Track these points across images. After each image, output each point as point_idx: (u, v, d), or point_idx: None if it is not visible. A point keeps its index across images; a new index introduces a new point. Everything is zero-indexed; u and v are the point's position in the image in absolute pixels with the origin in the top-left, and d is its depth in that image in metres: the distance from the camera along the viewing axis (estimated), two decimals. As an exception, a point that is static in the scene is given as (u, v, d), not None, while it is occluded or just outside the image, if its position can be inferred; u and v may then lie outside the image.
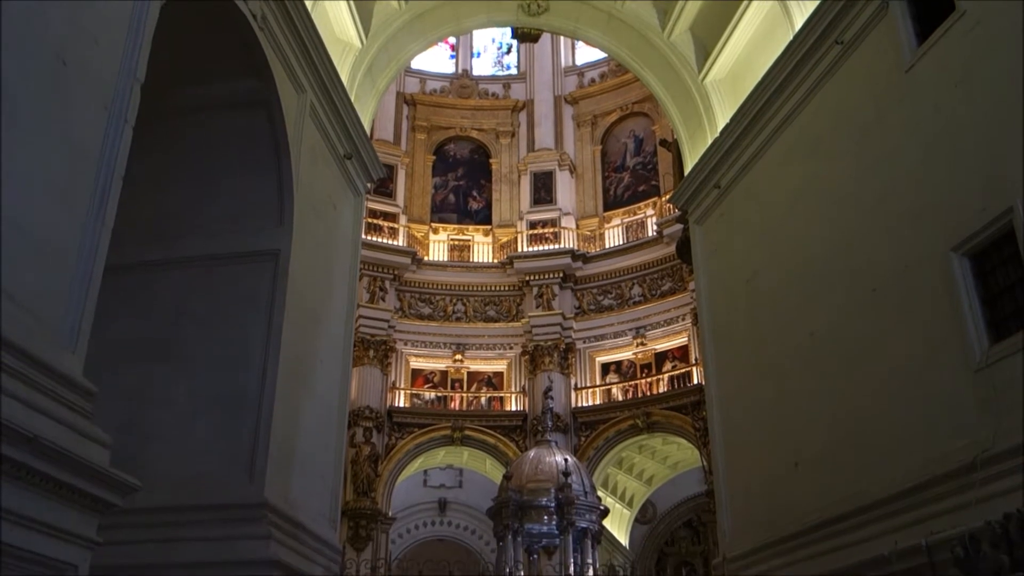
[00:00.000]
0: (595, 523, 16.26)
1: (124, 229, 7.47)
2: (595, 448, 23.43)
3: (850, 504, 8.15)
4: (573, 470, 16.44)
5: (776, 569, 9.16)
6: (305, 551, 8.64)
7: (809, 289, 9.52)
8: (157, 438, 8.28)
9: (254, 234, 9.15)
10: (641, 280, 24.75)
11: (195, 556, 7.54)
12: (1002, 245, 6.91)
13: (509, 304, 25.66)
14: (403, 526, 26.76)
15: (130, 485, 5.04)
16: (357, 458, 22.29)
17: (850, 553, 7.90)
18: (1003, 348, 6.72)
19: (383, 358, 24.07)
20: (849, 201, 9.02)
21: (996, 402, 6.65)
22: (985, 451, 6.60)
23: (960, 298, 7.15)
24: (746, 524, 10.24)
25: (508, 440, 23.72)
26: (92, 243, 5.18)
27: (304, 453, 9.16)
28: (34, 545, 4.45)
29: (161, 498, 7.65)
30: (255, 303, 8.84)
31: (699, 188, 12.33)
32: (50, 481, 4.51)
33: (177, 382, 8.57)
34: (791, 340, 9.70)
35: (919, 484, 7.28)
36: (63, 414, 4.72)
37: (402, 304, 25.20)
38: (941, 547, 6.67)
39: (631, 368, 24.46)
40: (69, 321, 4.99)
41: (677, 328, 23.80)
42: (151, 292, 9.00)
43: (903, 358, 7.84)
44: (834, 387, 8.84)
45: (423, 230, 26.43)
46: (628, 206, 26.43)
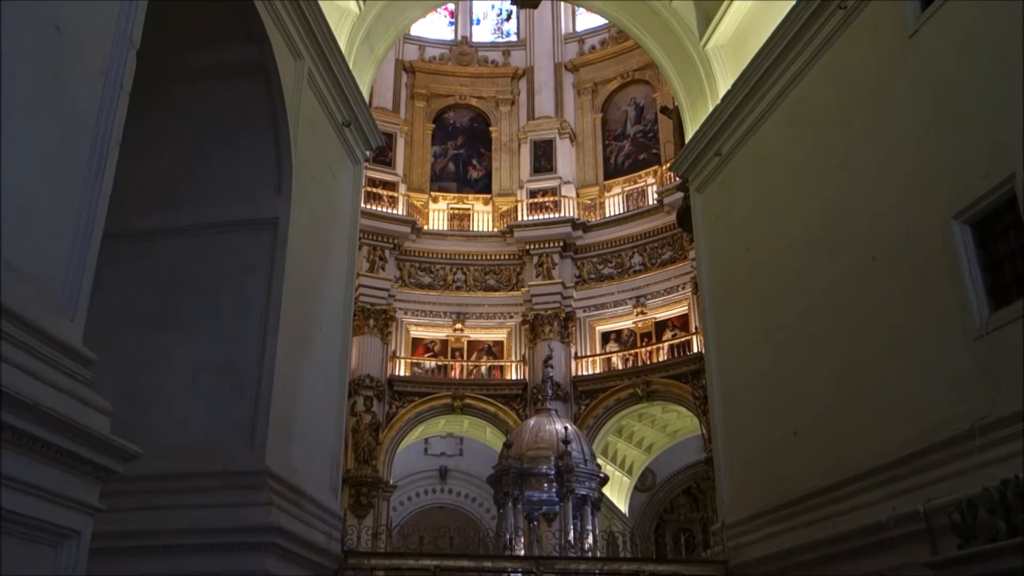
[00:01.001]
0: (595, 490, 16.37)
1: (122, 197, 7.44)
2: (595, 416, 23.52)
3: (849, 471, 8.19)
4: (573, 438, 16.53)
5: (774, 535, 9.23)
6: (306, 518, 8.70)
7: (809, 257, 9.50)
8: (157, 406, 8.31)
9: (252, 202, 9.12)
10: (641, 249, 24.71)
11: (196, 523, 7.59)
12: (1003, 212, 6.88)
13: (509, 273, 25.65)
14: (404, 494, 26.95)
15: (131, 452, 5.05)
16: (358, 427, 22.41)
17: (848, 519, 7.96)
18: (1003, 316, 6.72)
19: (383, 327, 24.11)
20: (850, 168, 8.97)
21: (995, 369, 6.66)
22: (984, 418, 6.62)
23: (961, 266, 7.13)
24: (745, 491, 10.30)
25: (508, 409, 23.82)
26: (90, 210, 5.14)
27: (305, 421, 9.19)
28: (36, 511, 4.46)
29: (162, 465, 7.68)
30: (254, 271, 8.83)
31: (700, 156, 12.26)
32: (51, 448, 4.52)
33: (177, 350, 8.58)
34: (791, 308, 9.70)
35: (917, 451, 7.31)
36: (63, 382, 4.72)
37: (402, 273, 25.18)
38: (939, 513, 6.72)
39: (631, 337, 24.50)
40: (68, 289, 4.96)
41: (677, 297, 23.80)
42: (150, 260, 8.99)
43: (903, 326, 7.84)
44: (833, 355, 8.85)
45: (423, 199, 26.34)
46: (629, 174, 26.32)
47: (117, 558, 7.26)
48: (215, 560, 7.55)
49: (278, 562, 7.83)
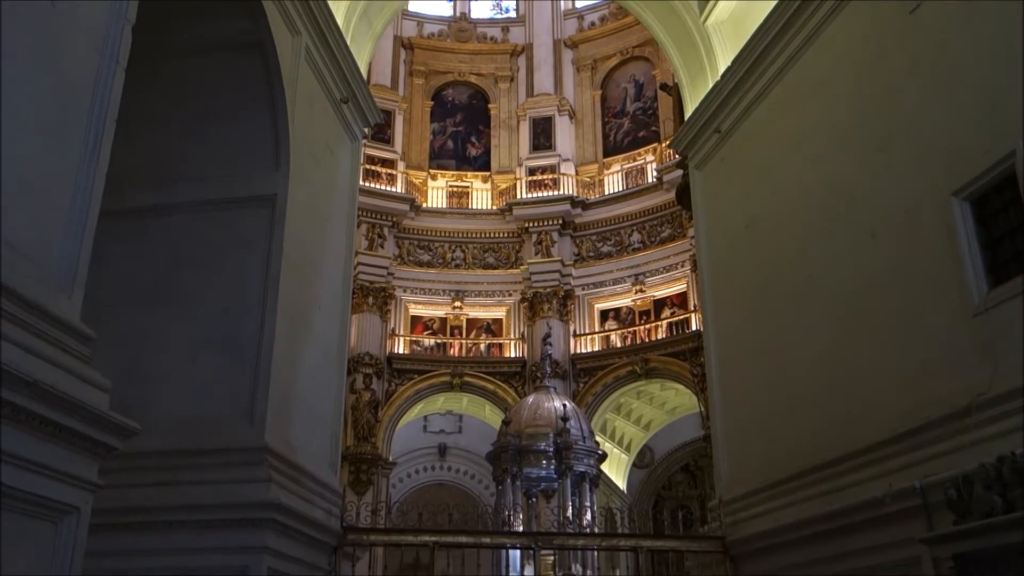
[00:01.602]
0: (593, 467, 16.47)
1: (119, 174, 7.41)
2: (593, 394, 23.61)
3: (846, 447, 8.22)
4: (571, 415, 16.60)
5: (772, 511, 9.28)
6: (306, 494, 8.75)
7: (808, 234, 9.49)
8: (156, 382, 8.33)
9: (250, 179, 9.10)
10: (640, 227, 24.70)
11: (196, 499, 7.63)
12: (1003, 189, 6.86)
13: (508, 251, 25.64)
14: (403, 471, 27.09)
15: (130, 429, 5.06)
16: (357, 404, 22.49)
17: (845, 495, 8.00)
18: (1002, 292, 6.72)
19: (382, 305, 24.13)
20: (850, 145, 8.94)
21: (993, 346, 6.67)
22: (981, 395, 6.64)
23: (960, 243, 7.12)
24: (742, 468, 10.35)
25: (507, 386, 23.90)
26: (87, 187, 5.12)
27: (304, 398, 9.22)
28: (36, 487, 4.48)
29: (161, 442, 7.72)
30: (252, 248, 8.83)
31: (699, 133, 12.22)
32: (50, 425, 4.53)
33: (175, 327, 8.59)
34: (789, 285, 9.70)
35: (914, 428, 7.33)
36: (61, 358, 4.72)
37: (401, 251, 25.18)
38: (935, 489, 6.75)
39: (630, 315, 24.54)
40: (65, 266, 4.96)
41: (676, 275, 23.83)
42: (147, 237, 8.98)
43: (901, 303, 7.84)
44: (832, 332, 8.87)
45: (421, 176, 26.28)
46: (628, 152, 26.26)
47: (117, 534, 7.31)
48: (215, 536, 7.59)
49: (278, 538, 7.88)
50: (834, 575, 8.17)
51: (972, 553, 6.25)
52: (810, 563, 8.51)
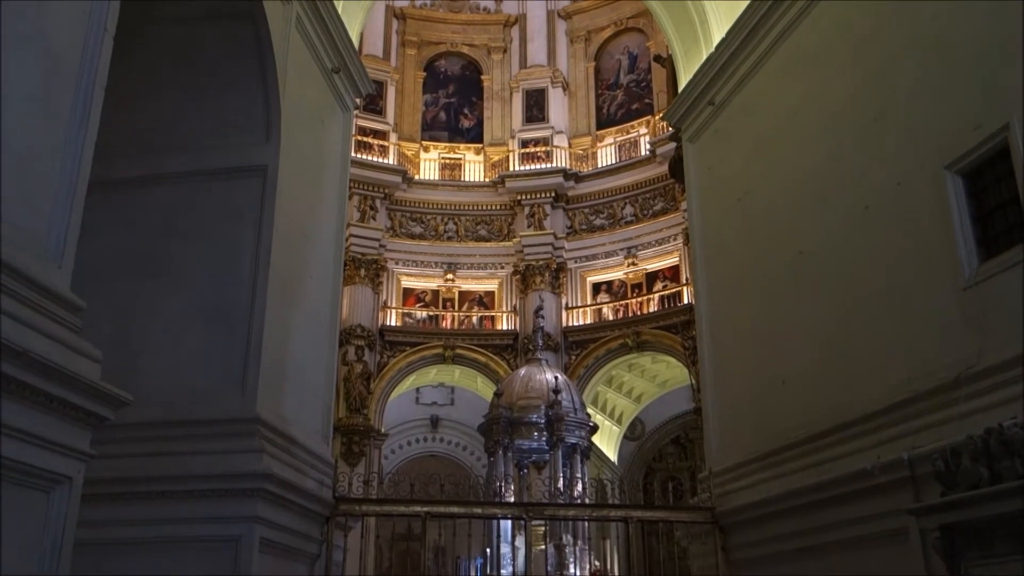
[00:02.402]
0: (584, 439, 16.57)
1: (108, 144, 7.35)
2: (585, 367, 23.69)
3: (835, 420, 8.28)
4: (563, 388, 16.67)
5: (761, 483, 9.35)
6: (298, 465, 8.78)
7: (801, 207, 9.49)
8: (147, 353, 8.32)
9: (241, 149, 9.03)
10: (633, 200, 24.66)
11: (188, 469, 7.65)
12: (996, 163, 6.86)
13: (500, 223, 25.59)
14: (396, 442, 27.21)
15: (122, 399, 5.06)
16: (349, 376, 22.53)
17: (834, 467, 8.06)
18: (992, 266, 6.74)
19: (374, 277, 24.11)
20: (844, 118, 8.92)
21: (983, 320, 6.70)
22: (970, 368, 6.68)
23: (952, 216, 7.13)
24: (733, 440, 10.42)
25: (499, 359, 23.95)
26: (75, 156, 5.08)
27: (296, 369, 9.22)
28: (28, 457, 4.48)
29: (153, 413, 7.73)
30: (243, 219, 8.79)
31: (693, 105, 12.17)
32: (41, 395, 4.52)
33: (166, 298, 8.57)
34: (781, 258, 9.72)
35: (903, 400, 7.38)
36: (52, 329, 4.70)
37: (393, 223, 25.11)
38: (922, 461, 6.81)
39: (622, 288, 24.57)
40: (54, 236, 4.92)
41: (668, 248, 23.84)
42: (137, 207, 8.93)
43: (892, 276, 7.86)
44: (823, 305, 8.90)
45: (414, 148, 26.15)
46: (621, 124, 26.15)
47: (110, 504, 7.34)
48: (207, 506, 7.63)
49: (270, 508, 7.92)
50: (822, 545, 8.26)
51: (959, 524, 6.32)
52: (798, 533, 8.59)
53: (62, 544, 4.71)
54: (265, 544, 7.82)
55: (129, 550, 7.49)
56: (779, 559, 9.02)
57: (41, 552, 4.60)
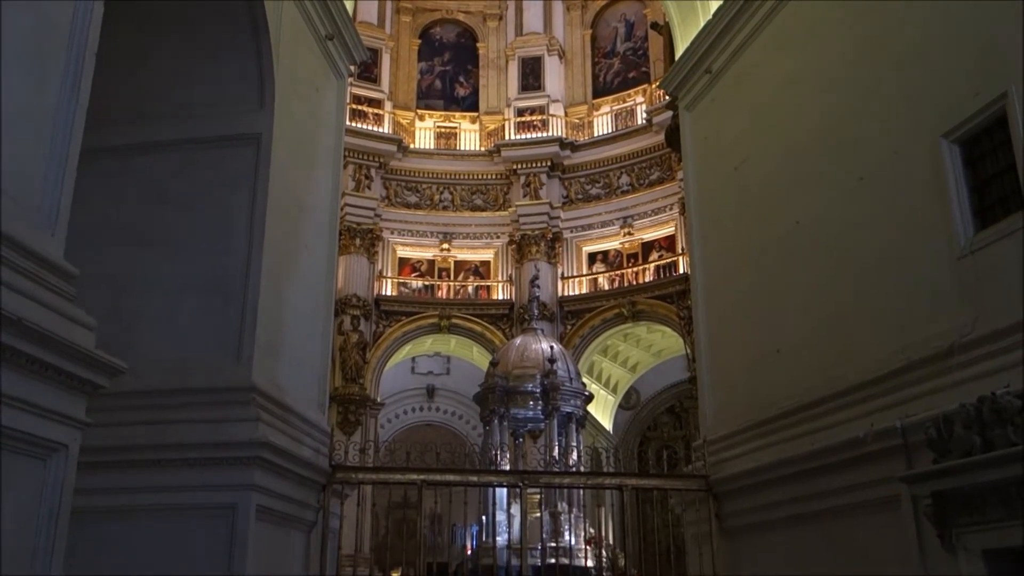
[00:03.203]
0: (579, 408, 16.68)
1: (101, 111, 7.29)
2: (581, 336, 23.77)
3: (829, 389, 8.31)
4: (558, 357, 16.74)
5: (755, 451, 9.41)
6: (294, 433, 8.81)
7: (797, 177, 9.47)
8: (142, 322, 8.32)
9: (234, 117, 8.97)
10: (629, 169, 24.62)
11: (184, 437, 7.68)
12: (993, 131, 6.83)
13: (496, 193, 25.54)
14: (392, 411, 27.32)
15: (116, 367, 5.06)
16: (345, 345, 22.57)
17: (827, 435, 8.11)
18: (987, 235, 6.74)
19: (370, 247, 24.08)
20: (841, 87, 8.87)
21: (977, 289, 6.71)
22: (963, 336, 6.70)
23: (948, 185, 7.11)
24: (727, 409, 10.47)
25: (495, 328, 24.02)
26: (67, 123, 5.04)
27: (291, 338, 9.23)
28: (24, 425, 4.49)
29: (149, 381, 7.74)
30: (237, 187, 8.74)
31: (690, 73, 12.08)
32: (36, 363, 4.52)
33: (161, 267, 8.54)
34: (777, 228, 9.71)
35: (897, 369, 7.41)
36: (46, 297, 4.69)
37: (388, 192, 25.04)
38: (915, 429, 6.84)
39: (618, 257, 24.58)
40: (47, 203, 4.90)
41: (664, 218, 23.83)
42: (131, 176, 8.88)
43: (887, 246, 7.86)
44: (818, 275, 8.90)
45: (409, 117, 26.00)
46: (618, 93, 26.02)
47: (107, 472, 7.38)
48: (203, 474, 7.66)
49: (266, 476, 7.96)
50: (815, 512, 8.33)
51: (950, 491, 6.38)
52: (791, 501, 8.67)
53: (59, 511, 4.74)
54: (262, 512, 7.87)
55: (126, 517, 7.53)
56: (772, 526, 9.10)
57: (38, 519, 4.63)
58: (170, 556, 7.45)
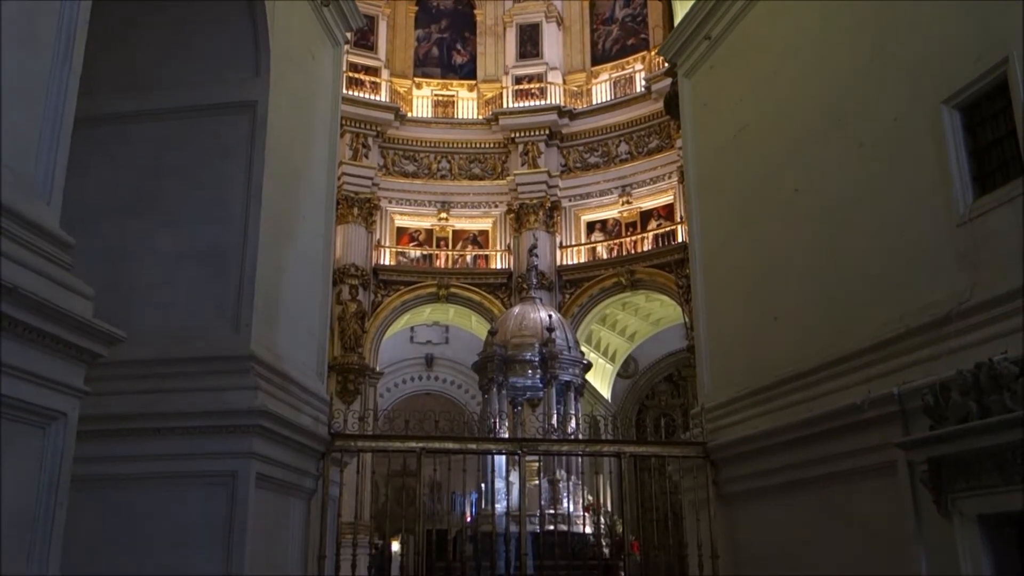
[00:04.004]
0: (578, 377, 16.75)
1: (95, 80, 7.27)
2: (579, 305, 23.80)
3: (826, 356, 8.33)
4: (557, 326, 16.78)
5: (752, 418, 9.46)
6: (293, 402, 8.84)
7: (796, 144, 9.42)
8: (140, 292, 8.30)
9: (229, 85, 8.88)
10: (628, 137, 24.52)
11: (183, 406, 7.69)
12: (994, 97, 6.79)
13: (494, 161, 25.45)
14: (391, 380, 27.41)
15: (114, 336, 5.06)
16: (344, 315, 22.61)
17: (824, 402, 8.14)
18: (986, 202, 6.72)
19: (368, 216, 24.03)
20: (841, 53, 8.80)
21: (976, 256, 6.70)
22: (961, 304, 6.70)
23: (948, 152, 7.08)
24: (725, 377, 10.50)
25: (493, 297, 24.04)
26: (60, 90, 5.00)
27: (290, 307, 9.23)
28: (22, 394, 4.51)
29: (147, 351, 7.74)
30: (234, 156, 8.69)
31: (689, 39, 11.98)
32: (33, 331, 4.52)
33: (157, 235, 8.51)
34: (776, 196, 9.68)
35: (894, 336, 7.42)
36: (42, 266, 4.68)
37: (386, 161, 24.95)
38: (912, 396, 6.87)
39: (616, 226, 24.55)
40: (41, 172, 4.87)
41: (663, 186, 23.78)
42: (126, 145, 8.82)
43: (886, 214, 7.84)
44: (816, 243, 8.89)
45: (406, 85, 25.82)
46: (616, 60, 25.85)
47: (106, 440, 7.41)
48: (203, 442, 7.68)
49: (266, 444, 7.99)
50: (811, 478, 8.39)
51: (946, 457, 6.41)
52: (788, 467, 8.72)
53: (59, 479, 4.76)
54: (262, 479, 7.91)
55: (127, 485, 7.57)
56: (769, 492, 9.17)
57: (39, 487, 4.65)
58: (171, 523, 7.51)
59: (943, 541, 6.55)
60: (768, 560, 9.15)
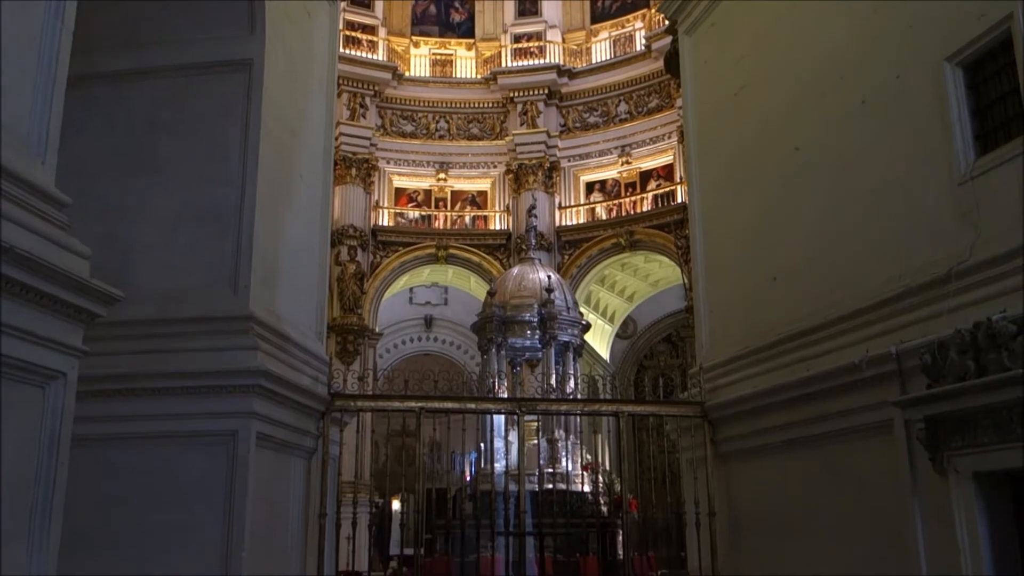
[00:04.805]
0: (577, 337, 16.78)
1: (90, 37, 7.17)
2: (578, 266, 23.79)
3: (825, 315, 8.34)
4: (556, 286, 16.78)
5: (750, 378, 9.49)
6: (293, 362, 8.86)
7: (797, 102, 9.34)
8: (137, 252, 8.28)
9: (225, 43, 8.78)
10: (628, 97, 24.32)
11: (183, 366, 7.71)
12: (998, 54, 6.72)
13: (493, 121, 25.26)
14: (390, 341, 27.47)
15: (112, 295, 5.06)
16: (343, 276, 22.60)
17: (822, 362, 8.16)
18: (988, 160, 6.68)
19: (366, 176, 23.91)
20: (843, 10, 8.69)
21: (976, 215, 6.68)
22: (961, 263, 6.69)
23: (950, 110, 7.02)
24: (723, 337, 10.52)
25: (492, 258, 24.01)
26: (53, 47, 4.94)
27: (288, 268, 9.21)
28: (21, 353, 4.52)
29: (146, 311, 7.75)
30: (230, 115, 8.61)
31: (690, -4, 11.83)
32: (31, 291, 4.52)
33: (155, 195, 8.47)
34: (776, 154, 9.62)
35: (893, 295, 7.41)
36: (38, 225, 4.66)
37: (384, 121, 24.75)
38: (910, 355, 6.88)
39: (615, 187, 24.45)
40: (36, 130, 4.83)
41: (663, 146, 23.64)
42: (122, 103, 8.74)
43: (887, 172, 7.80)
44: (816, 202, 8.85)
45: (404, 43, 25.55)
46: (616, 18, 25.55)
47: (106, 400, 7.45)
48: (203, 402, 7.72)
49: (266, 404, 8.02)
50: (808, 437, 8.44)
51: (943, 415, 6.45)
52: (785, 426, 8.76)
53: (60, 438, 4.79)
54: (262, 439, 7.96)
55: (128, 444, 7.62)
56: (767, 451, 9.23)
57: (39, 446, 4.68)
58: (171, 482, 7.57)
59: (938, 498, 6.61)
60: (764, 517, 9.24)
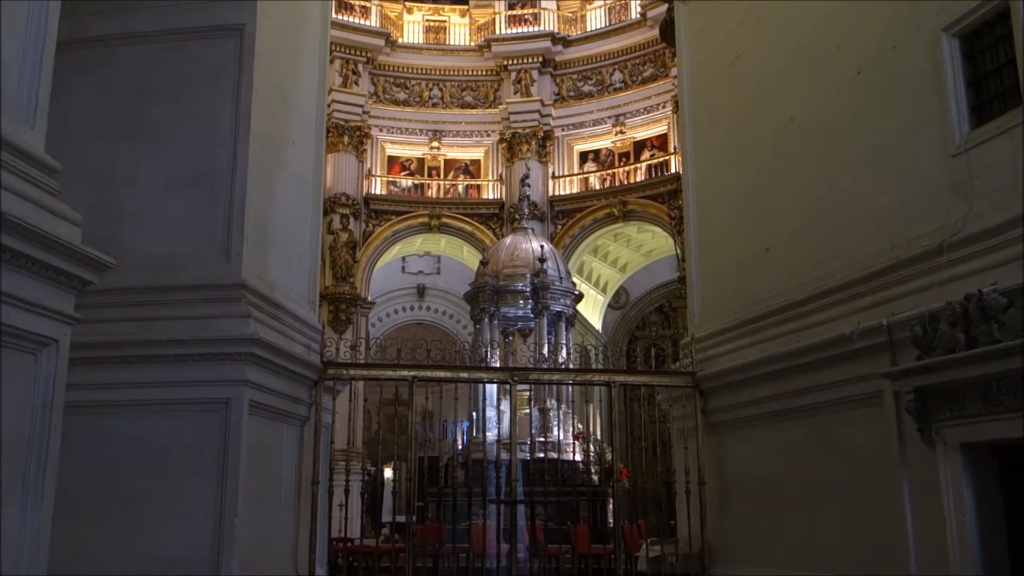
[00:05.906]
0: (569, 307, 16.83)
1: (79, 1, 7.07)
2: (571, 236, 23.78)
3: (817, 287, 8.36)
4: (549, 256, 16.78)
5: (742, 348, 9.53)
6: (285, 330, 8.85)
7: (793, 72, 9.30)
8: (129, 218, 8.22)
9: (216, 7, 8.66)
10: (623, 66, 24.19)
11: (175, 334, 7.70)
12: (995, 25, 6.69)
13: (487, 90, 25.11)
14: (382, 310, 27.49)
15: (104, 262, 5.03)
16: (335, 244, 22.56)
17: (814, 333, 8.20)
18: (983, 132, 6.67)
19: (358, 144, 23.77)
20: (841, -22, 8.62)
21: (970, 187, 6.68)
22: (953, 235, 6.71)
23: (946, 80, 7.00)
24: (715, 307, 10.54)
25: (485, 228, 23.98)
26: (41, 10, 4.87)
27: (281, 235, 9.18)
28: (12, 320, 4.49)
29: (138, 278, 7.72)
30: (221, 80, 8.53)
31: (686, -36, 11.72)
32: (21, 257, 4.49)
33: (146, 160, 8.40)
34: (771, 124, 9.58)
35: (885, 267, 7.43)
36: (28, 191, 4.62)
37: (376, 89, 24.58)
38: (901, 327, 6.91)
39: (609, 156, 24.38)
40: (24, 94, 4.77)
41: (657, 116, 23.55)
42: (112, 68, 8.63)
43: (880, 143, 7.79)
44: (810, 173, 8.84)
45: (397, 9, 25.29)
46: (612, -15, 25.28)
47: (99, 367, 7.44)
48: (195, 370, 7.72)
49: (258, 372, 8.02)
50: (798, 408, 8.49)
51: (932, 387, 6.50)
52: (776, 397, 8.82)
53: (52, 404, 4.79)
54: (255, 407, 7.97)
55: (121, 411, 7.63)
56: (757, 421, 9.29)
57: (32, 413, 4.67)
58: (164, 450, 7.59)
59: (926, 468, 6.67)
60: (754, 487, 9.32)
